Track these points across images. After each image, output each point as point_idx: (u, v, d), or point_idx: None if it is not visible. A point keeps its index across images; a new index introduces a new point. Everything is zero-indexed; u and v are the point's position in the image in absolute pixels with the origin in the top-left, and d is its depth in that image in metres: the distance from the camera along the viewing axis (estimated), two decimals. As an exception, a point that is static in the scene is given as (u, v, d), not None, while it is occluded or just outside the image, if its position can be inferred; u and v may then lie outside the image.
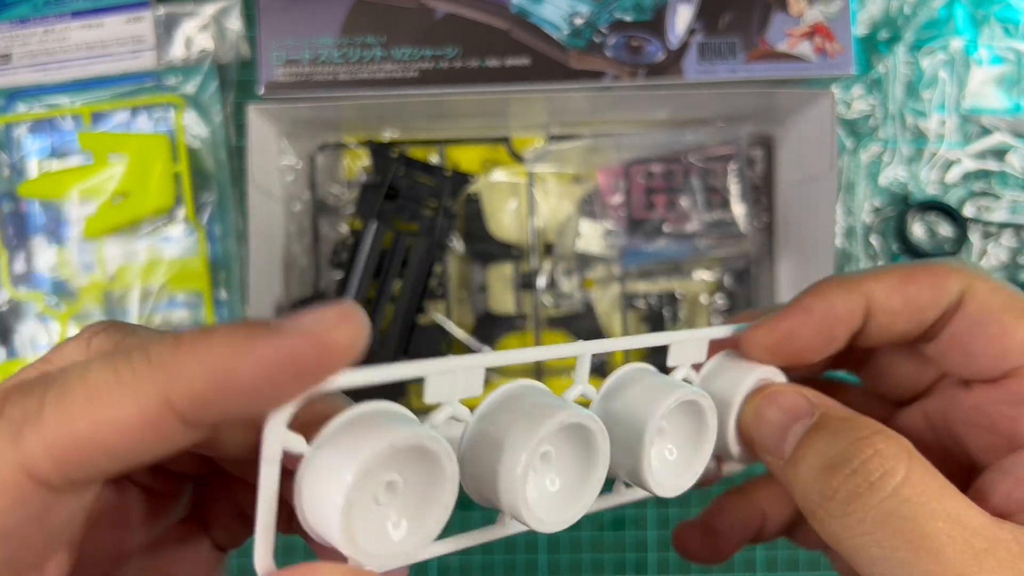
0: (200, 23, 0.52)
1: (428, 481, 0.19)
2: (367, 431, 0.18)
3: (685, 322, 0.52)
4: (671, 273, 0.52)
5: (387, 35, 0.45)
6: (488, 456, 0.20)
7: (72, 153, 0.51)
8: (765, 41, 0.45)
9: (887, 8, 0.52)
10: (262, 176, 0.46)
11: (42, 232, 0.51)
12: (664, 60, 0.45)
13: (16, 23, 0.51)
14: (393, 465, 0.18)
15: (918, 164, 0.52)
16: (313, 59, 0.45)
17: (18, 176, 0.51)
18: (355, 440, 0.18)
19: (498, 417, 0.20)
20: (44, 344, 0.51)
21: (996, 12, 0.52)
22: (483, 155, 0.52)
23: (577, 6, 0.45)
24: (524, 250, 0.51)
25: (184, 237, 0.51)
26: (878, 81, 0.52)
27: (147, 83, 0.51)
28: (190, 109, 0.51)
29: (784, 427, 0.21)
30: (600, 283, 0.51)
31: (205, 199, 0.51)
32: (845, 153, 0.52)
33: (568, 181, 0.52)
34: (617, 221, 0.51)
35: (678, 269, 0.51)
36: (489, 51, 0.45)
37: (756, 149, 0.52)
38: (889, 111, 0.52)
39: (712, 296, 0.52)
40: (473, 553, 0.52)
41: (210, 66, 0.51)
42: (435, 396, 0.20)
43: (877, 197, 0.52)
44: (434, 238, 0.49)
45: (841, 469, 0.19)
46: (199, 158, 0.51)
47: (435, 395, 0.20)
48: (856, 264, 0.52)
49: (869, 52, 0.52)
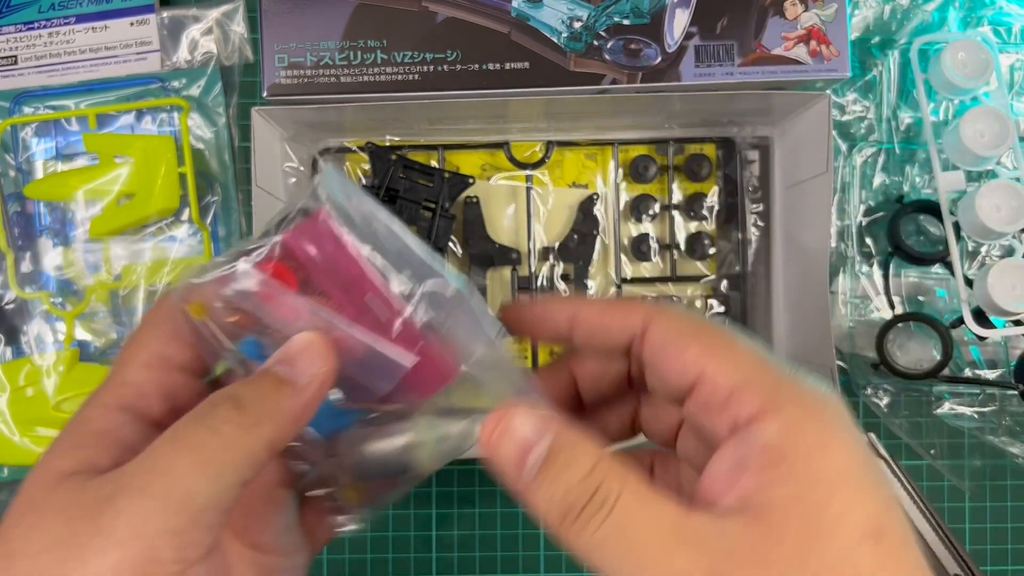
0: (204, 27, 0.52)
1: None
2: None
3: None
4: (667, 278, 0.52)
5: (388, 39, 0.46)
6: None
7: (78, 155, 0.52)
8: (761, 45, 0.46)
9: (881, 12, 0.53)
10: (266, 178, 0.47)
11: (48, 232, 0.52)
12: (662, 63, 0.46)
13: (22, 26, 0.52)
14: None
15: (911, 166, 0.53)
16: (316, 62, 0.46)
17: (24, 177, 0.52)
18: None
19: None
20: (50, 343, 0.51)
21: (989, 16, 0.53)
22: (483, 160, 0.52)
23: (576, 10, 0.46)
24: (523, 254, 0.52)
25: (189, 237, 0.52)
26: (872, 84, 0.53)
27: (152, 86, 0.52)
28: (194, 111, 0.52)
29: (519, 460, 0.25)
30: (598, 287, 0.52)
31: (209, 200, 0.52)
32: (839, 156, 0.53)
33: (567, 185, 0.52)
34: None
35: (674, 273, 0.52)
36: (489, 55, 0.46)
37: (752, 151, 0.53)
38: (883, 114, 0.53)
39: (708, 300, 0.52)
40: (473, 550, 0.52)
41: (214, 69, 0.52)
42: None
43: (871, 199, 0.53)
44: (432, 240, 0.49)
45: (577, 502, 0.23)
46: (203, 160, 0.52)
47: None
48: (851, 265, 0.52)
49: (863, 56, 0.53)
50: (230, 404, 0.25)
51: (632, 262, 0.52)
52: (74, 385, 0.50)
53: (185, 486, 0.23)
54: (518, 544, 0.52)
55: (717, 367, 0.25)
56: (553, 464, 0.24)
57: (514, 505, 0.52)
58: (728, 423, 0.24)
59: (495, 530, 0.52)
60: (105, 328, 0.52)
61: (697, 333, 0.26)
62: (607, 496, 0.23)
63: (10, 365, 0.50)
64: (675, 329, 0.26)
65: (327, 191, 0.27)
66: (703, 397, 0.25)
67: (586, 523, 0.23)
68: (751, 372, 0.24)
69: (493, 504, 0.52)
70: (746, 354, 0.25)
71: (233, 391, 0.25)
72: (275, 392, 0.25)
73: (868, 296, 0.53)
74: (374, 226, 0.27)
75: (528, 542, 0.52)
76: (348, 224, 0.27)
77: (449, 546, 0.52)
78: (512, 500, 0.56)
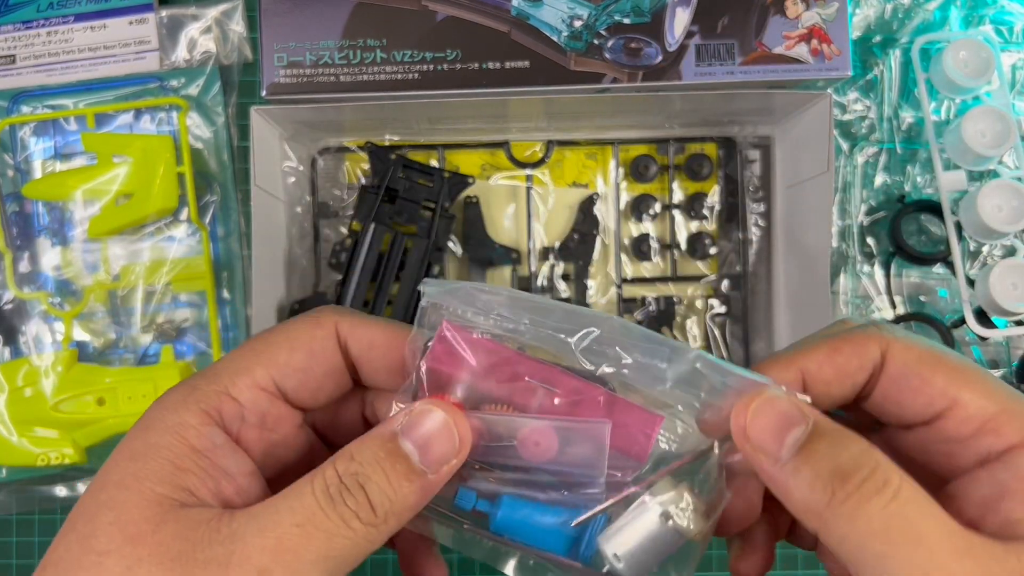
0: (203, 25, 0.52)
1: None
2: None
3: (682, 326, 0.52)
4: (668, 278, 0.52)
5: (388, 38, 0.45)
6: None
7: (76, 154, 0.52)
8: (762, 44, 0.46)
9: (882, 11, 0.53)
10: (265, 177, 0.47)
11: (46, 232, 0.52)
12: (662, 62, 0.46)
13: (20, 25, 0.52)
14: None
15: (913, 165, 0.52)
16: (315, 61, 0.45)
17: (23, 177, 0.52)
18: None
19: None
20: (48, 344, 0.51)
21: (991, 15, 0.52)
22: (483, 160, 0.52)
23: (576, 9, 0.46)
24: (523, 254, 0.51)
25: (187, 237, 0.52)
26: (873, 83, 0.53)
27: (150, 85, 0.52)
28: (193, 111, 0.52)
29: (781, 430, 0.23)
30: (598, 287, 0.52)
31: (208, 200, 0.52)
32: (841, 155, 0.52)
33: (567, 185, 0.52)
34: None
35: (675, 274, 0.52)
36: (489, 54, 0.46)
37: (753, 151, 0.52)
38: (884, 113, 0.53)
39: (709, 300, 0.52)
40: (473, 551, 0.52)
41: (213, 68, 0.52)
42: None
43: (872, 198, 0.53)
44: (432, 239, 0.49)
45: (852, 477, 0.22)
46: (202, 159, 0.52)
47: None
48: (852, 265, 0.52)
49: (864, 55, 0.53)
50: (362, 495, 0.23)
51: (633, 262, 0.52)
52: (72, 385, 0.49)
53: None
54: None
55: (971, 396, 0.24)
56: (818, 441, 0.23)
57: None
58: (977, 453, 0.24)
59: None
60: (103, 328, 0.51)
61: (940, 360, 0.25)
62: (888, 478, 0.22)
63: (8, 365, 0.50)
64: (917, 356, 0.25)
65: (432, 300, 0.26)
66: (951, 426, 0.24)
67: (865, 501, 0.22)
68: (1007, 402, 0.24)
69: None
70: (996, 383, 0.25)
71: (362, 471, 0.24)
72: (405, 484, 0.24)
73: (869, 296, 0.52)
74: (494, 303, 0.26)
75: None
76: (468, 322, 0.26)
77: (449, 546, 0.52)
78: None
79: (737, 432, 0.24)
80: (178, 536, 0.22)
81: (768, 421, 0.23)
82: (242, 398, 0.26)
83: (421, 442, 0.24)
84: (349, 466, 0.24)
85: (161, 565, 0.22)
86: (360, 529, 0.23)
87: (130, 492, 0.23)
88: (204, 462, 0.24)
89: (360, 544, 0.23)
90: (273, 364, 0.26)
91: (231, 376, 0.26)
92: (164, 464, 0.24)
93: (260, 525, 0.23)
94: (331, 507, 0.23)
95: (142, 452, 0.24)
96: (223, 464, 0.25)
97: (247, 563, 0.22)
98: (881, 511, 0.22)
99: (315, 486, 0.23)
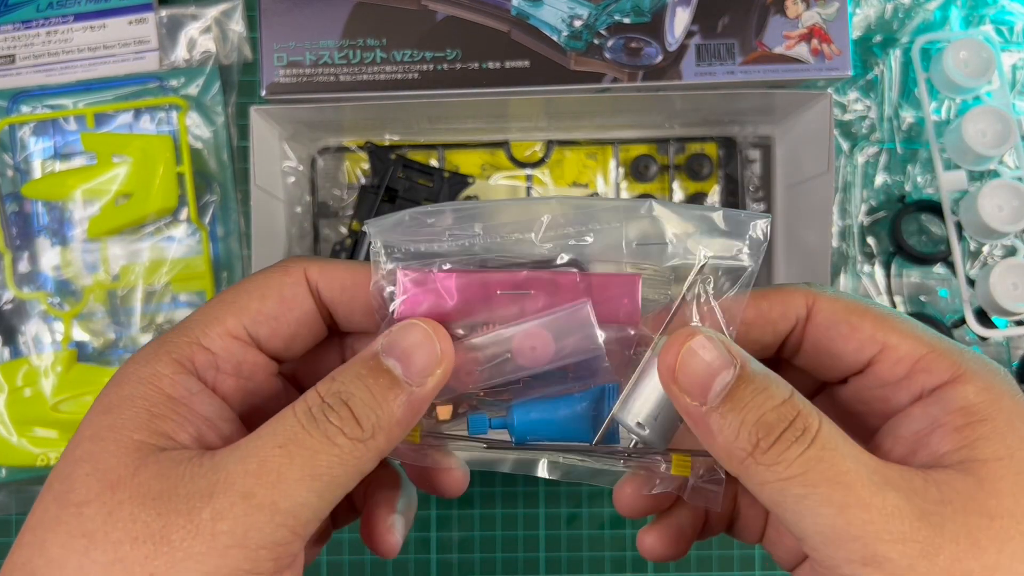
0: (203, 25, 0.52)
1: None
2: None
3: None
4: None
5: (388, 38, 0.45)
6: None
7: (76, 154, 0.52)
8: (763, 43, 0.46)
9: (882, 11, 0.53)
10: (264, 177, 0.47)
11: (46, 232, 0.52)
12: (662, 62, 0.46)
13: (20, 25, 0.52)
14: None
15: (913, 165, 0.52)
16: (315, 61, 0.45)
17: (22, 177, 0.52)
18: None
19: None
20: (48, 344, 0.51)
21: (991, 15, 0.52)
22: (483, 159, 0.52)
23: (576, 9, 0.46)
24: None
25: (187, 237, 0.52)
26: (873, 83, 0.53)
27: (150, 85, 0.52)
28: (193, 110, 0.52)
29: (708, 375, 0.23)
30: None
31: (208, 200, 0.52)
32: (841, 155, 0.52)
33: (567, 185, 0.52)
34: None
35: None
36: (489, 54, 0.45)
37: (754, 151, 0.52)
38: (884, 113, 0.52)
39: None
40: (473, 551, 0.52)
41: (212, 68, 0.52)
42: None
43: (872, 198, 0.52)
44: (434, 239, 0.49)
45: (776, 426, 0.23)
46: (202, 159, 0.52)
47: None
48: (853, 265, 0.52)
49: (865, 54, 0.52)
50: (345, 410, 0.23)
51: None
52: (72, 385, 0.49)
53: (296, 499, 0.22)
54: (518, 546, 0.52)
55: (900, 339, 0.25)
56: (744, 389, 0.23)
57: (514, 506, 0.52)
58: (911, 391, 0.25)
59: (495, 532, 0.52)
60: (103, 328, 0.51)
61: (867, 309, 0.26)
62: (808, 424, 0.23)
63: (8, 365, 0.50)
64: (843, 307, 0.26)
65: (378, 242, 0.26)
66: (884, 369, 0.25)
67: (783, 450, 0.22)
68: (934, 342, 0.25)
69: (493, 505, 0.52)
70: (922, 327, 0.26)
71: (344, 389, 0.24)
72: (390, 397, 0.24)
73: (870, 296, 0.52)
74: (441, 225, 0.26)
75: (528, 544, 0.52)
76: (422, 256, 0.26)
77: (449, 548, 0.52)
78: (512, 501, 0.55)
79: (665, 372, 0.24)
80: (159, 475, 0.22)
81: (697, 364, 0.24)
82: (214, 347, 0.25)
83: (402, 355, 0.24)
84: (331, 386, 0.24)
85: (143, 505, 0.21)
86: (346, 444, 0.23)
87: (106, 442, 0.23)
88: (181, 408, 0.24)
89: (348, 461, 0.23)
90: (244, 312, 0.26)
91: (202, 327, 0.26)
92: (139, 412, 0.23)
93: (242, 453, 0.22)
94: (314, 426, 0.23)
95: (116, 404, 0.24)
96: (201, 411, 0.24)
97: (231, 490, 0.22)
98: (800, 456, 0.22)
99: (297, 409, 0.23)
